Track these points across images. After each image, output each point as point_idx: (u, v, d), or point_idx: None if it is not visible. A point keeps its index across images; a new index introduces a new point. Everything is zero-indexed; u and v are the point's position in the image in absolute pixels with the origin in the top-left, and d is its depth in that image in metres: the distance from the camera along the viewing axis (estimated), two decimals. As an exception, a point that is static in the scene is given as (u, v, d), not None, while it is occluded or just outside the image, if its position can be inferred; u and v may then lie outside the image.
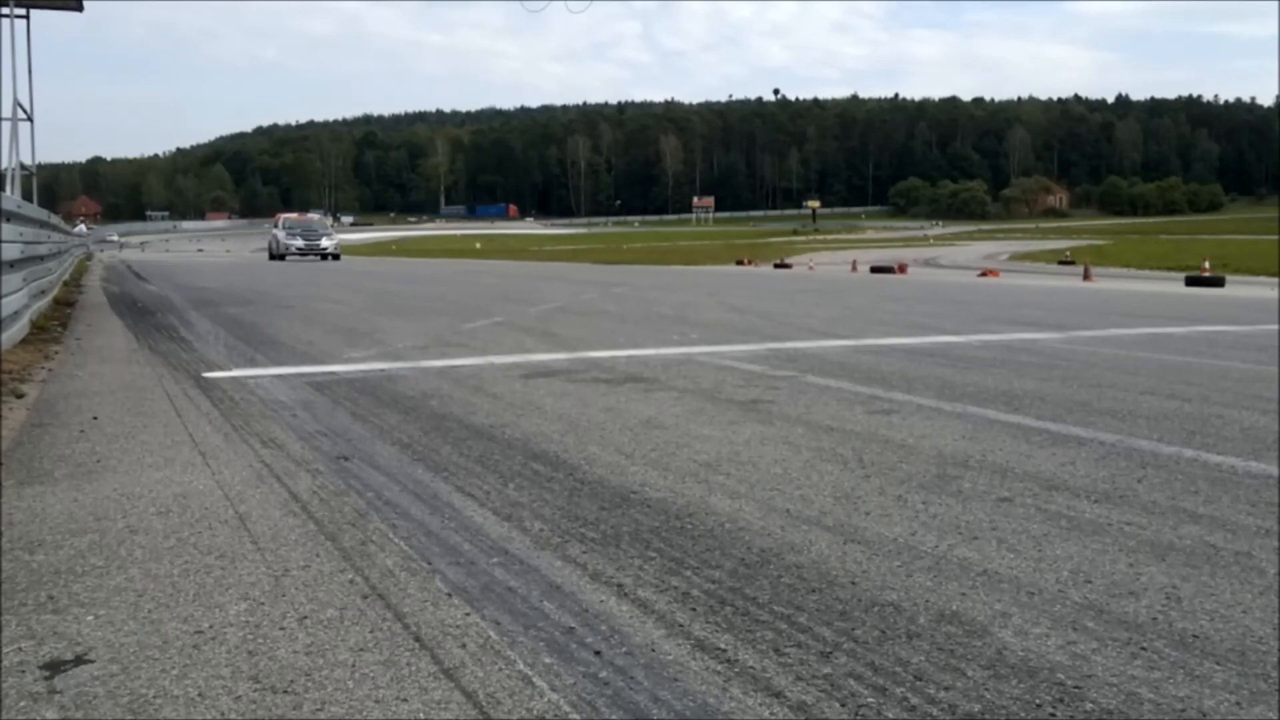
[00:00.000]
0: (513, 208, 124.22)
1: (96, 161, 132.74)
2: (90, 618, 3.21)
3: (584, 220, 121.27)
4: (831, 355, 8.34)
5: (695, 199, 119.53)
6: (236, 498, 3.95)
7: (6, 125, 13.00)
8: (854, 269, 29.52)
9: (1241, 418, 6.64)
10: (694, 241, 57.11)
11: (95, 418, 3.34)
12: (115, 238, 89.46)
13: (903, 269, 30.69)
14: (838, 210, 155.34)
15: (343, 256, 40.74)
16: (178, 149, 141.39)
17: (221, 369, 4.31)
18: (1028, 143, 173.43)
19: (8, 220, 7.40)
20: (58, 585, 3.48)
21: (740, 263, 35.09)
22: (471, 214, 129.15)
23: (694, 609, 3.40)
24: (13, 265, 7.90)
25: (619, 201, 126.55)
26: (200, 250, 50.36)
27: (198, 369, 4.40)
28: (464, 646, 3.10)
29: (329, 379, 4.12)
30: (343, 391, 3.78)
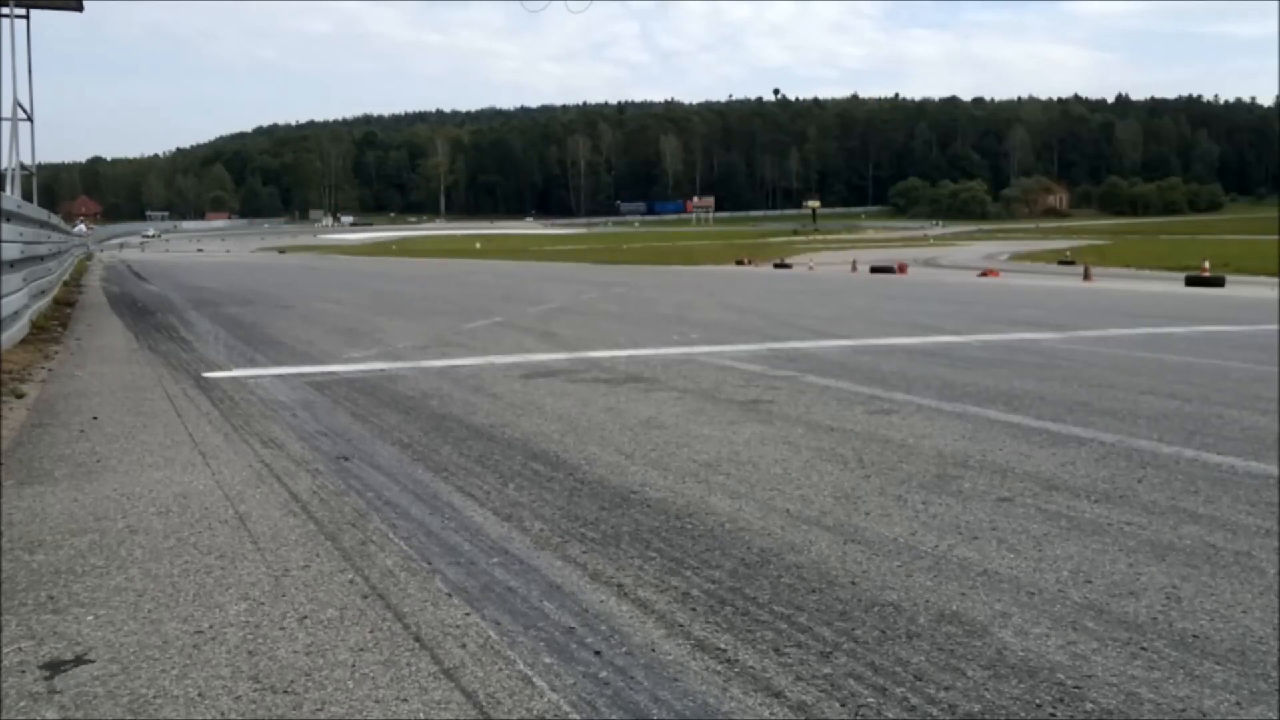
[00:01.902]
0: (689, 203, 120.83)
1: (96, 161, 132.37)
2: (90, 618, 3.22)
3: (584, 220, 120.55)
4: (831, 355, 8.33)
5: (695, 198, 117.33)
6: (236, 498, 3.95)
7: (6, 125, 12.99)
8: (854, 269, 29.31)
9: (1241, 418, 6.64)
10: (694, 242, 56.83)
11: (95, 418, 3.32)
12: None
13: (903, 269, 30.48)
14: (838, 210, 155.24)
15: (343, 257, 35.13)
16: (178, 149, 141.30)
17: (221, 369, 4.30)
18: (1028, 143, 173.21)
19: (8, 220, 7.38)
20: (58, 585, 3.49)
21: (740, 262, 34.83)
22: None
23: (694, 609, 3.40)
24: (13, 265, 7.87)
25: (619, 201, 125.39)
26: (200, 250, 50.00)
27: (198, 369, 4.38)
28: (464, 646, 3.10)
29: (329, 379, 4.10)
30: (343, 391, 3.76)
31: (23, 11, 11.85)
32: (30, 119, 13.49)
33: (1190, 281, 29.45)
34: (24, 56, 11.73)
